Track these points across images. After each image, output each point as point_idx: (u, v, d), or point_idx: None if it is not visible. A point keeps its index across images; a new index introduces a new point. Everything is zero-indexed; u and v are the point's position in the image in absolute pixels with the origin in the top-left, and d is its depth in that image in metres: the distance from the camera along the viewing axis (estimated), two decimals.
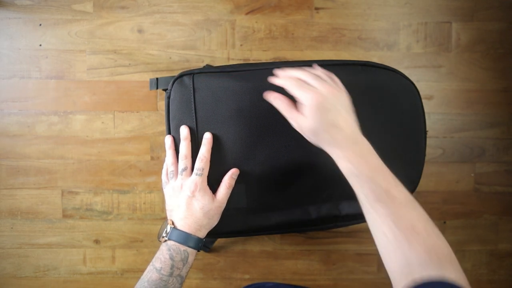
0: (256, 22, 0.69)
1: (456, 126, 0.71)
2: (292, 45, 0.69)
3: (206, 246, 0.68)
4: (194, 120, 0.51)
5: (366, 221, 0.59)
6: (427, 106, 0.69)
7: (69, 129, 0.69)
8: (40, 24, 0.68)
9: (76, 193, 0.70)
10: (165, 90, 0.55)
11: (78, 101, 0.69)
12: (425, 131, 0.57)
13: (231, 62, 0.69)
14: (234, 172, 0.51)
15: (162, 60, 0.69)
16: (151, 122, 0.69)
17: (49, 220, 0.70)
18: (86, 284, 0.71)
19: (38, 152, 0.69)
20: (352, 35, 0.69)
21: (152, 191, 0.70)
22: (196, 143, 0.52)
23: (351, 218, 0.58)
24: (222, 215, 0.52)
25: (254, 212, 0.54)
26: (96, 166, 0.69)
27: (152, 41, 0.68)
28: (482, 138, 0.71)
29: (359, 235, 0.72)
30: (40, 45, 0.68)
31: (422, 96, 0.58)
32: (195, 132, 0.52)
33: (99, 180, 0.69)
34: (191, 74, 0.52)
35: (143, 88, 0.69)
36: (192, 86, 0.52)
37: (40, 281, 0.71)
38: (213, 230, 0.54)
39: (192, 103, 0.52)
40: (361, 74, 0.54)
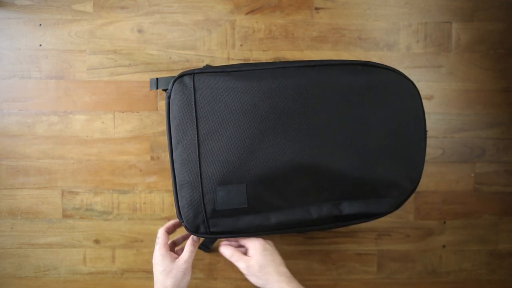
0: (256, 22, 0.69)
1: (456, 126, 0.71)
2: (292, 45, 0.69)
3: (206, 246, 0.68)
4: (195, 120, 0.51)
5: (366, 221, 0.60)
6: (427, 106, 0.69)
7: (69, 129, 0.69)
8: (40, 24, 0.68)
9: (76, 193, 0.70)
10: (165, 90, 0.55)
11: (78, 101, 0.69)
12: (425, 131, 0.57)
13: (231, 62, 0.69)
14: (195, 237, 0.56)
15: (162, 60, 0.69)
16: (151, 122, 0.69)
17: (49, 220, 0.70)
18: (86, 284, 0.71)
19: (38, 152, 0.69)
20: (352, 35, 0.69)
21: (152, 191, 0.70)
22: (196, 144, 0.52)
23: (351, 218, 0.58)
24: (222, 215, 0.53)
25: (254, 212, 0.54)
26: (96, 166, 0.69)
27: (152, 41, 0.69)
28: (482, 138, 0.71)
29: (359, 235, 0.72)
30: (40, 45, 0.68)
31: (422, 96, 0.58)
32: (195, 132, 0.52)
33: (99, 180, 0.70)
34: (192, 74, 0.52)
35: (143, 88, 0.69)
36: (192, 86, 0.52)
37: (40, 281, 0.71)
38: (213, 231, 0.54)
39: (193, 103, 0.52)
40: (361, 74, 0.54)
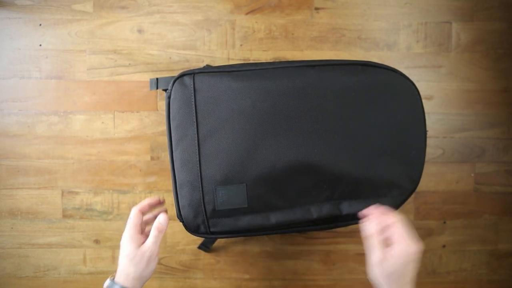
0: (256, 22, 0.69)
1: (456, 126, 0.71)
2: (292, 45, 0.69)
3: (206, 246, 0.68)
4: (195, 120, 0.51)
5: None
6: (427, 106, 0.69)
7: (69, 129, 0.69)
8: (40, 24, 0.68)
9: (76, 193, 0.70)
10: (165, 90, 0.55)
11: (78, 101, 0.69)
12: (425, 131, 0.57)
13: (231, 62, 0.69)
14: (162, 219, 0.50)
15: (162, 60, 0.69)
16: (151, 122, 0.69)
17: (49, 220, 0.70)
18: (86, 284, 0.71)
19: (38, 152, 0.69)
20: (352, 35, 0.69)
21: (152, 191, 0.70)
22: (196, 144, 0.52)
23: (351, 218, 0.58)
24: (222, 215, 0.53)
25: (254, 212, 0.54)
26: (96, 166, 0.69)
27: (152, 41, 0.69)
28: (482, 138, 0.71)
29: (359, 235, 0.71)
30: (40, 45, 0.68)
31: (422, 96, 0.58)
32: (196, 132, 0.52)
33: (99, 180, 0.69)
34: (192, 74, 0.52)
35: (143, 88, 0.69)
36: (192, 86, 0.52)
37: (40, 281, 0.71)
38: (213, 231, 0.54)
39: (193, 103, 0.52)
40: (361, 74, 0.54)
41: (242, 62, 0.68)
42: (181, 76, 0.52)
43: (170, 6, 0.68)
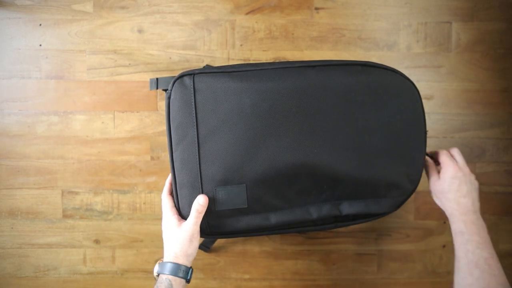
0: (256, 22, 0.69)
1: (456, 126, 0.71)
2: (292, 45, 0.69)
3: (206, 246, 0.68)
4: (195, 120, 0.51)
5: (366, 221, 0.60)
6: (427, 106, 0.69)
7: (69, 129, 0.69)
8: (40, 24, 0.68)
9: (76, 193, 0.70)
10: (165, 90, 0.55)
11: (78, 101, 0.69)
12: (425, 131, 0.57)
13: (231, 62, 0.69)
14: (201, 200, 0.51)
15: (162, 60, 0.69)
16: (151, 122, 0.69)
17: (49, 220, 0.70)
18: (86, 284, 0.71)
19: (38, 152, 0.69)
20: (352, 35, 0.69)
21: (152, 191, 0.70)
22: (196, 144, 0.52)
23: (351, 218, 0.58)
24: (222, 215, 0.53)
25: (254, 212, 0.54)
26: (96, 166, 0.69)
27: (152, 41, 0.69)
28: (482, 138, 0.71)
29: (359, 235, 0.72)
30: (40, 45, 0.68)
31: (422, 96, 0.58)
32: (196, 133, 0.52)
33: (99, 180, 0.70)
34: (192, 74, 0.52)
35: (143, 88, 0.69)
36: (192, 87, 0.52)
37: (40, 281, 0.71)
38: (213, 231, 0.54)
39: (193, 103, 0.52)
40: (361, 74, 0.54)
41: (242, 62, 0.68)
42: (181, 76, 0.52)
43: (170, 6, 0.68)
